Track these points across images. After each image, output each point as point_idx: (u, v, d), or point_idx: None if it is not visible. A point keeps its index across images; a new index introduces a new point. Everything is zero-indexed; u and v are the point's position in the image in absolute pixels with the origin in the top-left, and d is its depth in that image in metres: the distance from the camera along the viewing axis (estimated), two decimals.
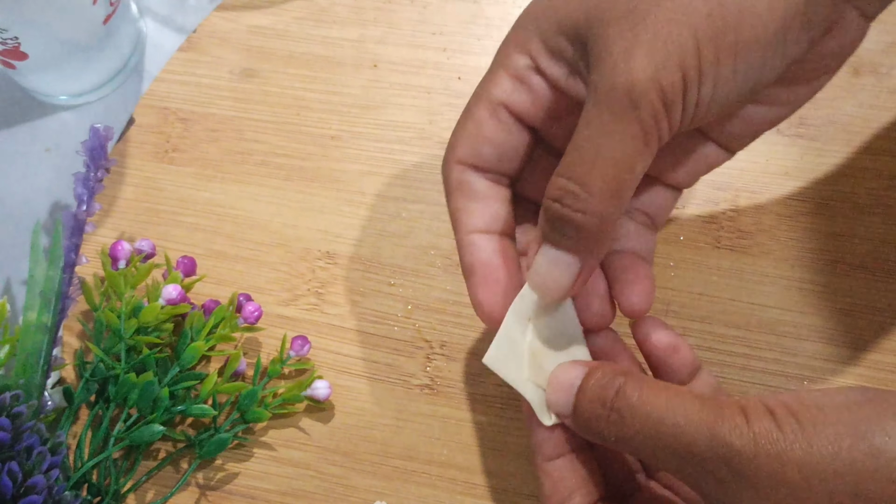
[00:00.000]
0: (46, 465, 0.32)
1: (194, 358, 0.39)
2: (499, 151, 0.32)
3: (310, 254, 0.44)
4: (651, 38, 0.26)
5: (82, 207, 0.40)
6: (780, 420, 0.25)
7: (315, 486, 0.39)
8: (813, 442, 0.24)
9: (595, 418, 0.28)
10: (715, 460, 0.25)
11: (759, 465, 0.24)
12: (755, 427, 0.25)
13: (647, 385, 0.27)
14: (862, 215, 0.41)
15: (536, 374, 0.31)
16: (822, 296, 0.40)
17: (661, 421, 0.26)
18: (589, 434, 0.29)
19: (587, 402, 0.28)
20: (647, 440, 0.27)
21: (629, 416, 0.27)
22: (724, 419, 0.25)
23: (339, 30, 0.49)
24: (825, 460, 0.24)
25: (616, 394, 0.28)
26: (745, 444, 0.25)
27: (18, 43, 0.43)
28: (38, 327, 0.38)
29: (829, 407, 0.25)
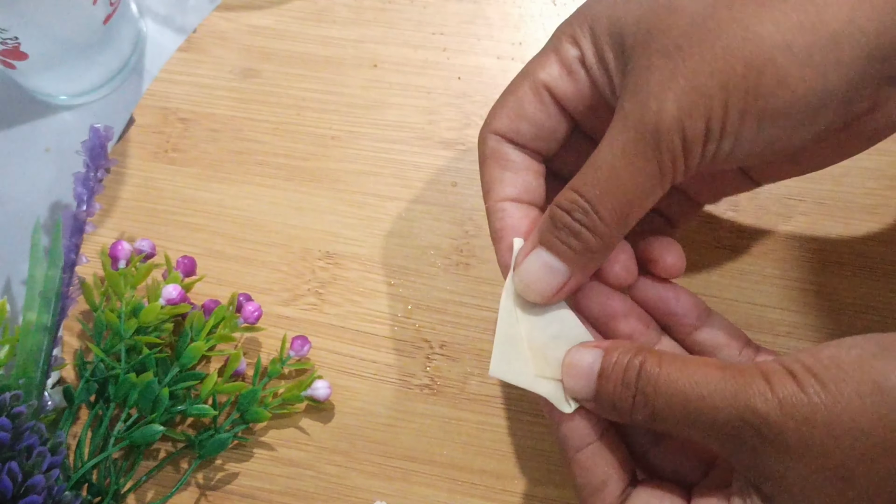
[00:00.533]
0: (46, 465, 0.32)
1: (194, 358, 0.38)
2: (536, 130, 0.32)
3: (310, 254, 0.44)
4: (685, 83, 0.27)
5: (82, 207, 0.40)
6: (802, 382, 0.25)
7: (315, 486, 0.39)
8: (837, 401, 0.24)
9: (620, 400, 0.28)
10: (744, 430, 0.25)
11: (788, 431, 0.25)
12: (779, 392, 0.25)
13: (667, 360, 0.28)
14: (862, 215, 0.41)
15: (543, 367, 0.31)
16: (822, 296, 0.40)
17: (686, 396, 0.26)
18: (613, 415, 0.29)
19: (610, 385, 0.28)
20: (675, 416, 0.27)
21: (653, 394, 0.27)
22: (748, 387, 0.26)
23: (339, 30, 0.49)
24: (851, 419, 0.24)
25: (638, 374, 0.28)
26: (772, 411, 0.25)
27: (18, 43, 0.43)
28: (38, 327, 0.38)
29: (846, 362, 0.25)
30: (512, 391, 0.40)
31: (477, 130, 0.45)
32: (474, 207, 0.44)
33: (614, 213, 0.28)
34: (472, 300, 0.42)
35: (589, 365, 0.29)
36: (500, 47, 0.47)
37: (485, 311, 0.41)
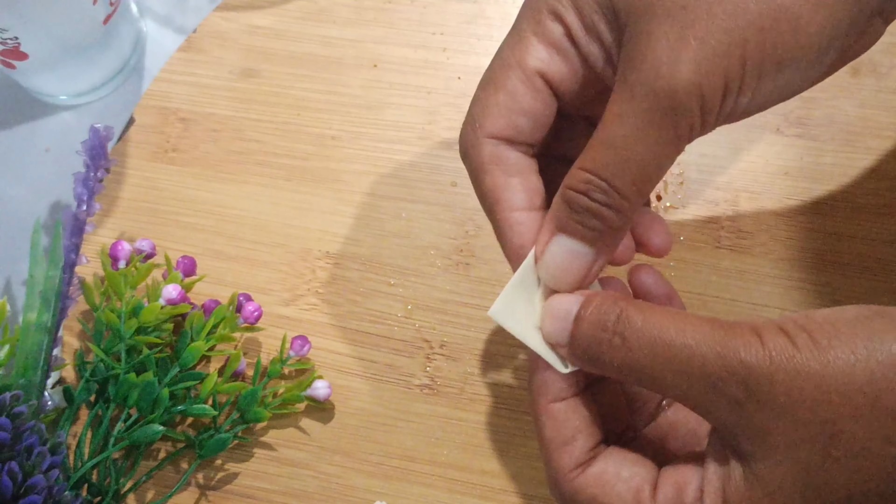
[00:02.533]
0: (46, 465, 0.32)
1: (194, 358, 0.38)
2: (534, 123, 0.30)
3: (310, 254, 0.44)
4: (697, 45, 0.26)
5: (82, 207, 0.40)
6: (794, 337, 0.25)
7: (315, 486, 0.39)
8: (829, 356, 0.24)
9: (596, 344, 0.27)
10: (729, 380, 0.25)
11: (776, 383, 0.24)
12: (769, 344, 0.25)
13: (652, 308, 0.27)
14: (862, 215, 0.41)
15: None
16: (822, 296, 0.40)
17: (669, 342, 0.26)
18: (589, 363, 0.28)
19: (586, 327, 0.28)
20: (655, 364, 0.26)
21: (634, 339, 0.26)
22: (737, 338, 0.25)
23: (339, 30, 0.49)
24: (843, 374, 0.24)
25: (618, 318, 0.27)
26: (761, 362, 0.24)
27: (18, 43, 0.43)
28: (38, 327, 0.38)
29: (840, 322, 0.25)
30: (512, 391, 0.40)
31: None
32: (474, 207, 0.44)
33: (633, 186, 0.27)
34: (472, 300, 0.42)
35: (567, 308, 0.28)
36: None
37: (485, 311, 0.41)
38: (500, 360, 0.40)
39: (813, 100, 0.44)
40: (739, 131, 0.44)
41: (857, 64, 0.45)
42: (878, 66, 0.45)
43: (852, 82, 0.45)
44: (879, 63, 0.45)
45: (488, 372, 0.40)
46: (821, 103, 0.44)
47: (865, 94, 0.44)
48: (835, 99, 0.44)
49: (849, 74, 0.45)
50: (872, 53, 0.45)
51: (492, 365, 0.40)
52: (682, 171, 0.43)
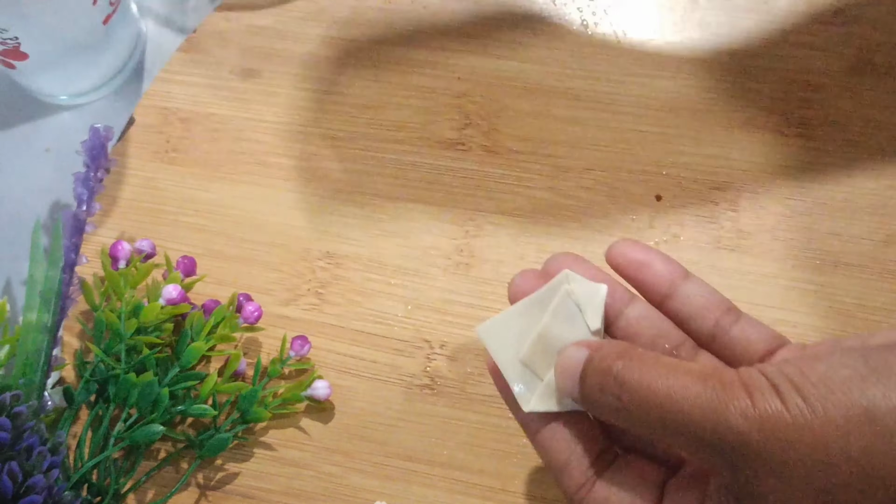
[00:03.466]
0: (46, 465, 0.32)
1: (194, 358, 0.38)
2: None
3: (310, 254, 0.44)
4: None
5: (82, 207, 0.40)
6: (786, 399, 0.24)
7: (315, 486, 0.39)
8: (823, 424, 0.24)
9: (601, 405, 0.28)
10: (722, 446, 0.25)
11: (770, 453, 0.24)
12: (760, 408, 0.24)
13: (646, 366, 0.27)
14: (862, 215, 0.41)
15: (536, 357, 0.31)
16: (822, 296, 0.40)
17: (662, 406, 0.26)
18: (601, 418, 0.29)
19: (589, 387, 0.28)
20: (653, 424, 0.26)
21: (629, 401, 0.27)
22: (728, 402, 0.25)
23: (339, 30, 0.49)
24: (836, 443, 0.23)
25: (615, 379, 0.27)
26: (752, 429, 0.24)
27: (18, 43, 0.43)
28: (38, 327, 0.38)
29: (835, 382, 0.24)
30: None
31: (477, 130, 0.45)
32: (474, 207, 0.44)
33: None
34: (472, 300, 0.42)
35: (576, 364, 0.29)
36: (500, 47, 0.47)
37: (485, 311, 0.41)
38: None
39: (813, 100, 0.44)
40: (739, 131, 0.44)
41: (858, 64, 0.45)
42: (878, 66, 0.45)
43: (852, 82, 0.45)
44: (879, 63, 0.45)
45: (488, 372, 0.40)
46: (821, 103, 0.44)
47: (865, 94, 0.44)
48: (835, 99, 0.44)
49: (849, 74, 0.45)
50: (872, 53, 0.45)
51: None
52: (682, 171, 0.43)
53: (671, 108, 0.45)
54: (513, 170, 0.44)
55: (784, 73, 0.45)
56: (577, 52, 0.47)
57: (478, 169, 0.44)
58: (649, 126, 0.45)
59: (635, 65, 0.46)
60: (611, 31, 0.47)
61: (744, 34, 0.46)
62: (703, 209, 0.43)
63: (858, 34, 0.46)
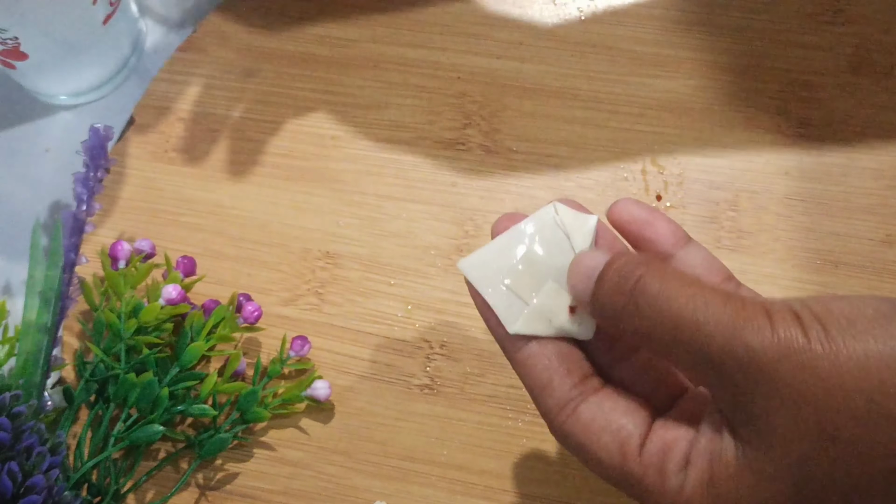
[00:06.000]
0: (46, 465, 0.32)
1: (194, 358, 0.38)
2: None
3: (310, 254, 0.43)
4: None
5: (82, 207, 0.40)
6: (807, 327, 0.24)
7: (315, 486, 0.39)
8: (840, 354, 0.23)
9: (612, 307, 0.27)
10: (733, 363, 0.24)
11: (781, 373, 0.23)
12: (780, 331, 0.24)
13: (670, 276, 0.26)
14: (862, 215, 0.41)
15: (522, 282, 0.30)
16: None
17: (679, 315, 0.25)
18: (606, 322, 0.28)
19: (606, 289, 0.27)
20: (665, 335, 0.25)
21: (647, 307, 0.26)
22: (748, 319, 0.24)
23: (339, 30, 0.49)
24: (851, 376, 0.23)
25: (636, 283, 0.26)
26: (768, 349, 0.23)
27: (18, 43, 0.43)
28: (38, 327, 0.38)
29: (858, 318, 0.24)
30: (512, 391, 0.40)
31: (477, 130, 0.45)
32: (474, 207, 0.44)
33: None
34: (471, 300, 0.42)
35: (593, 266, 0.28)
36: (500, 47, 0.47)
37: None
38: (501, 360, 0.40)
39: (813, 100, 0.44)
40: (739, 131, 0.44)
41: (857, 64, 0.45)
42: (878, 66, 0.45)
43: (852, 82, 0.45)
44: (879, 63, 0.45)
45: (488, 372, 0.40)
46: (821, 103, 0.44)
47: (865, 94, 0.44)
48: (835, 99, 0.44)
49: (849, 74, 0.45)
50: (872, 53, 0.45)
51: (492, 365, 0.40)
52: (682, 171, 0.43)
53: (671, 108, 0.45)
54: (513, 170, 0.44)
55: (784, 73, 0.45)
56: (577, 52, 0.47)
57: (478, 169, 0.44)
58: (649, 126, 0.45)
59: (635, 65, 0.46)
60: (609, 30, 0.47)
61: (744, 34, 0.46)
62: (703, 209, 0.43)
63: (858, 34, 0.46)
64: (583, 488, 0.38)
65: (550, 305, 0.29)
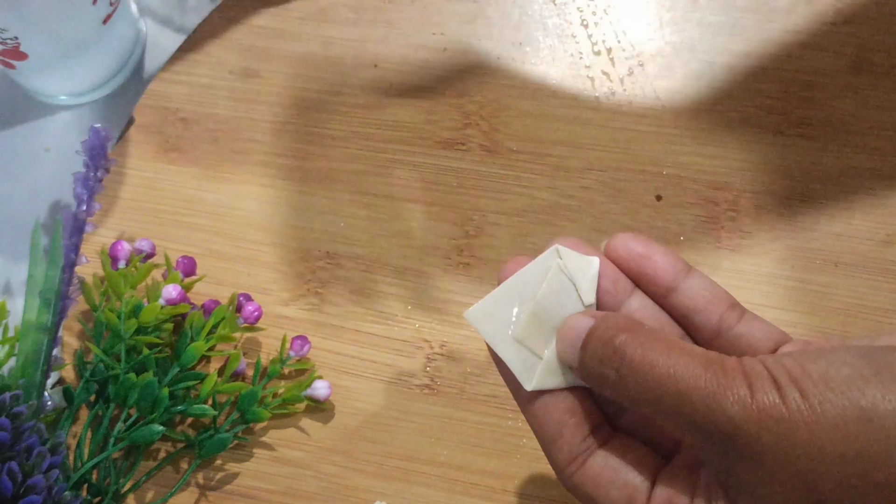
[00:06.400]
0: (46, 465, 0.32)
1: (194, 358, 0.38)
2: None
3: (310, 254, 0.44)
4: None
5: (82, 207, 0.40)
6: (785, 392, 0.24)
7: (315, 486, 0.39)
8: (819, 422, 0.23)
9: (599, 376, 0.27)
10: (716, 432, 0.24)
11: (763, 445, 0.24)
12: (758, 400, 0.24)
13: (650, 342, 0.26)
14: (862, 215, 0.41)
15: (531, 334, 0.30)
16: (822, 296, 0.40)
17: (662, 385, 0.25)
18: (595, 388, 0.28)
19: (589, 358, 0.27)
20: (650, 403, 0.26)
21: (630, 376, 0.26)
22: (727, 387, 0.24)
23: (339, 30, 0.49)
24: (832, 443, 0.23)
25: (615, 352, 0.27)
26: (748, 420, 0.24)
27: (18, 43, 0.43)
28: (38, 327, 0.38)
29: (835, 380, 0.24)
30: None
31: (477, 131, 0.45)
32: (474, 207, 0.44)
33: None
34: (472, 300, 0.42)
35: (578, 333, 0.28)
36: (500, 47, 0.47)
37: None
38: None
39: (813, 100, 0.44)
40: (739, 131, 0.44)
41: (858, 64, 0.45)
42: (878, 67, 0.45)
43: (852, 82, 0.45)
44: (879, 63, 0.45)
45: (488, 372, 0.40)
46: (821, 103, 0.44)
47: (865, 94, 0.44)
48: (835, 99, 0.44)
49: (849, 74, 0.45)
50: (872, 53, 0.45)
51: (492, 365, 0.40)
52: (681, 171, 0.43)
53: (671, 108, 0.45)
54: (513, 170, 0.44)
55: (784, 73, 0.45)
56: (577, 52, 0.47)
57: (478, 169, 0.44)
58: (649, 126, 0.45)
59: (635, 65, 0.46)
60: (611, 31, 0.47)
61: (744, 34, 0.46)
62: (703, 209, 0.43)
63: (858, 34, 0.46)
64: None
65: None
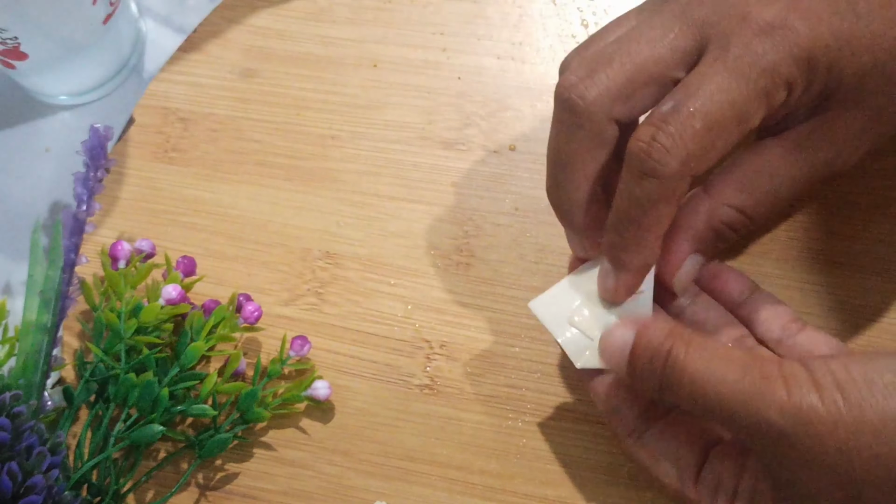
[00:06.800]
0: (46, 465, 0.32)
1: (194, 358, 0.38)
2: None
3: (310, 254, 0.44)
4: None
5: (82, 207, 0.40)
6: (825, 395, 0.25)
7: (315, 486, 0.39)
8: (858, 423, 0.24)
9: (647, 380, 0.29)
10: (759, 435, 0.26)
11: (803, 445, 0.25)
12: (796, 402, 0.25)
13: (694, 348, 0.28)
14: (862, 215, 0.41)
15: (583, 319, 0.34)
16: (822, 296, 0.40)
17: (705, 390, 0.27)
18: (645, 393, 0.31)
19: (639, 366, 0.29)
20: (697, 405, 0.27)
21: (676, 383, 0.28)
22: (766, 393, 0.25)
23: (339, 30, 0.49)
24: (868, 445, 0.24)
25: (664, 360, 0.28)
26: (786, 422, 0.25)
27: (18, 43, 0.43)
28: (38, 327, 0.38)
29: (877, 385, 0.24)
30: (512, 391, 0.40)
31: (477, 130, 0.45)
32: (474, 207, 0.44)
33: (765, 217, 0.33)
34: (472, 300, 0.42)
35: (623, 344, 0.30)
36: (500, 47, 0.47)
37: (485, 311, 0.41)
38: (500, 360, 0.40)
39: None
40: None
41: None
42: None
43: None
44: None
45: (488, 372, 0.40)
46: None
47: None
48: None
49: None
50: None
51: (492, 365, 0.40)
52: None
53: None
54: (513, 170, 0.44)
55: None
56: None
57: (478, 169, 0.44)
58: None
59: None
60: None
61: None
62: None
63: None
64: (582, 488, 0.38)
65: None
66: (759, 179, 0.32)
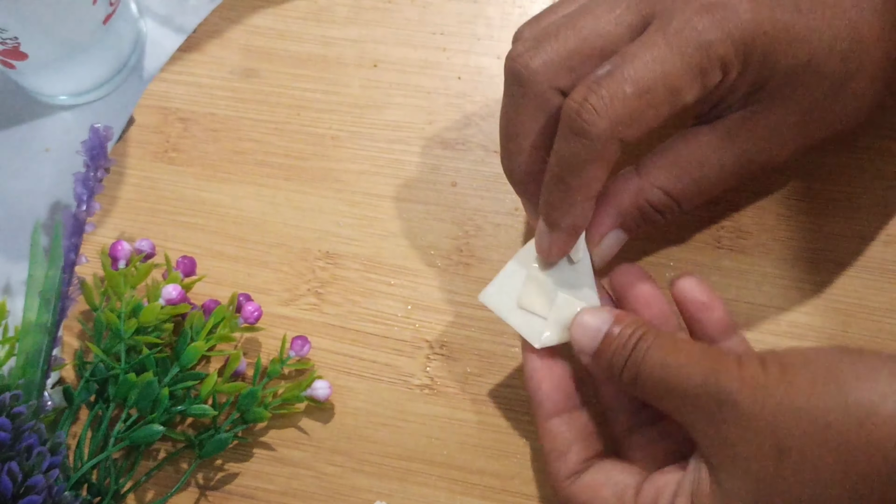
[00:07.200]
0: (46, 465, 0.32)
1: (194, 358, 0.39)
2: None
3: (310, 254, 0.44)
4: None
5: (82, 207, 0.40)
6: (768, 366, 0.28)
7: (315, 486, 0.39)
8: (793, 386, 0.27)
9: (614, 362, 0.31)
10: (706, 397, 0.29)
11: (743, 402, 0.28)
12: (745, 370, 0.28)
13: (661, 339, 0.31)
14: (862, 215, 0.41)
15: (531, 300, 0.34)
16: (821, 296, 0.40)
17: (667, 366, 0.30)
18: (604, 373, 0.32)
19: (610, 348, 0.31)
20: (653, 381, 0.30)
21: (640, 361, 0.30)
22: (720, 364, 0.29)
23: (339, 30, 0.49)
24: (800, 402, 0.27)
25: (634, 344, 0.31)
26: (733, 384, 0.28)
27: (18, 43, 0.43)
28: (38, 327, 0.38)
29: (813, 361, 0.28)
30: (512, 391, 0.40)
31: (477, 130, 0.45)
32: (474, 207, 0.44)
33: (693, 203, 0.35)
34: (472, 300, 0.42)
35: (597, 327, 0.32)
36: (500, 47, 0.47)
37: (485, 310, 0.41)
38: (500, 360, 0.40)
39: None
40: None
41: None
42: None
43: None
44: None
45: (488, 372, 0.40)
46: None
47: None
48: None
49: None
50: None
51: (492, 365, 0.40)
52: None
53: None
54: None
55: None
56: None
57: (478, 169, 0.44)
58: None
59: None
60: None
61: None
62: (703, 209, 0.43)
63: None
64: None
65: (566, 315, 0.34)
66: (689, 165, 0.34)
